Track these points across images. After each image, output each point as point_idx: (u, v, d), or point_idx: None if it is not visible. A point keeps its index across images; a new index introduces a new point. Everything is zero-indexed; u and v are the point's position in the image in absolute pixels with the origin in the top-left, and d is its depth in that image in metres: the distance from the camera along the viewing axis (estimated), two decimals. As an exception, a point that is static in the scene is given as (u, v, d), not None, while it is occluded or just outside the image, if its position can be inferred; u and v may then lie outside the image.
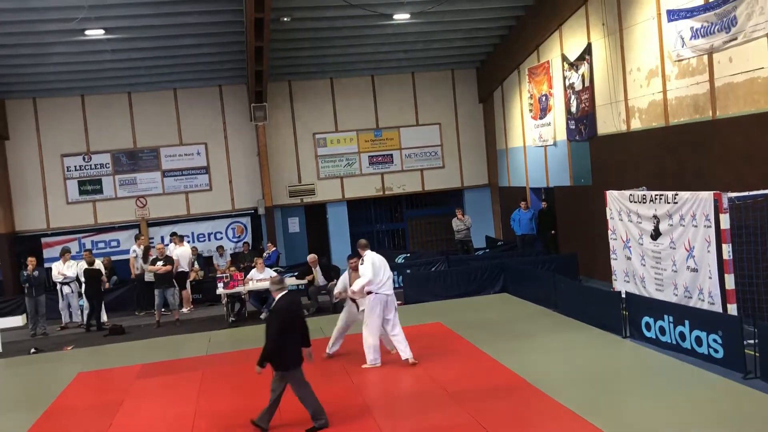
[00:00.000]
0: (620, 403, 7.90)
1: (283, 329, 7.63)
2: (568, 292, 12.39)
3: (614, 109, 14.09)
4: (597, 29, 14.51)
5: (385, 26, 17.34)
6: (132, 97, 19.37)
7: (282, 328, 7.62)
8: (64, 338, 14.50)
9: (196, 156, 19.68)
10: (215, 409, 8.90)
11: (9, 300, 16.94)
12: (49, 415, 9.30)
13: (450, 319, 12.69)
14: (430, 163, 20.84)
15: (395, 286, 16.28)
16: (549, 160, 17.36)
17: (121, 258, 18.39)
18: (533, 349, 10.49)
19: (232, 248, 19.53)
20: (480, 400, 8.29)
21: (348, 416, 8.14)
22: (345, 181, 20.47)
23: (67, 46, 16.31)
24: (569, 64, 15.71)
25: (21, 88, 18.43)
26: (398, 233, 21.92)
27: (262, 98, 18.60)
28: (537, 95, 17.51)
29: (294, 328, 7.76)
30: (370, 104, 20.52)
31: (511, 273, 14.96)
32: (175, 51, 17.37)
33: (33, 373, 11.92)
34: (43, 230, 19.07)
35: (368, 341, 10.15)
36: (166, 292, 14.83)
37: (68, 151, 19.11)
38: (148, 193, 19.44)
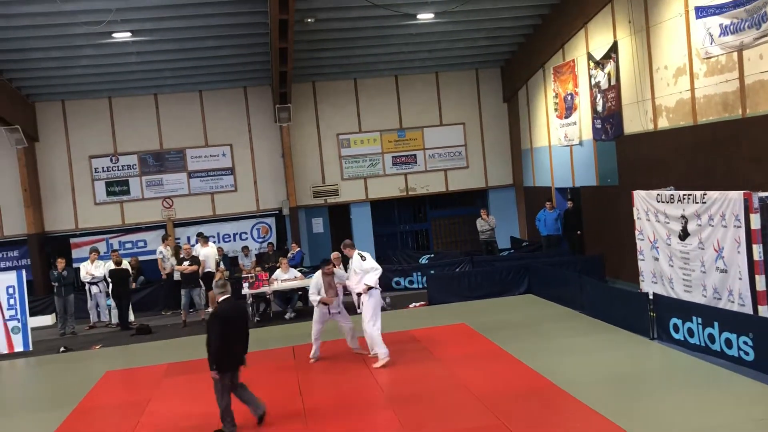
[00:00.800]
0: (648, 406, 7.79)
1: (223, 333, 7.68)
2: (595, 293, 12.26)
3: (641, 108, 13.92)
4: (623, 27, 14.34)
5: (409, 26, 17.31)
6: (158, 99, 19.58)
7: (223, 332, 7.69)
8: (92, 337, 14.71)
9: (221, 157, 19.83)
10: (240, 408, 8.94)
11: (39, 299, 17.22)
12: (79, 413, 9.44)
13: (474, 320, 12.63)
14: (454, 163, 20.77)
15: (419, 286, 16.48)
16: (575, 159, 17.20)
17: (148, 258, 18.60)
18: (559, 350, 10.40)
19: (257, 248, 19.65)
20: (506, 401, 8.24)
21: (372, 417, 8.15)
22: (368, 182, 20.49)
23: (95, 48, 16.53)
24: (595, 63, 15.55)
25: (50, 90, 18.73)
26: (422, 234, 21.87)
27: (286, 99, 18.69)
28: (562, 94, 17.36)
29: (237, 331, 7.83)
30: (394, 104, 20.51)
31: (536, 274, 14.85)
32: (200, 53, 17.52)
33: (62, 372, 12.10)
34: (71, 231, 19.35)
35: (376, 337, 10.20)
36: (192, 292, 14.98)
37: (96, 152, 19.37)
38: (174, 194, 19.63)
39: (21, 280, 14.20)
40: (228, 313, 7.88)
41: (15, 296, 14.09)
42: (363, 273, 10.36)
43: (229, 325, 7.77)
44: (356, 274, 10.43)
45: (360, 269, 10.35)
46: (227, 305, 8.01)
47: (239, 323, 7.94)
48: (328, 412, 8.49)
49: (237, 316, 7.94)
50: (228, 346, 7.70)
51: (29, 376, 12.63)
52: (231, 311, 7.94)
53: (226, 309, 7.94)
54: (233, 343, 7.77)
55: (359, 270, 10.37)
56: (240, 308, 8.21)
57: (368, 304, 10.29)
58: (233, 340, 7.76)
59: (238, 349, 7.89)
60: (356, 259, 10.43)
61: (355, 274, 10.44)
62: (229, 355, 7.73)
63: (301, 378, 9.98)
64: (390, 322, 13.28)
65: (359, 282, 10.37)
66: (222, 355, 7.67)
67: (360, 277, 10.38)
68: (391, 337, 11.89)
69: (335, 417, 8.35)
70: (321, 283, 10.52)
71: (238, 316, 7.99)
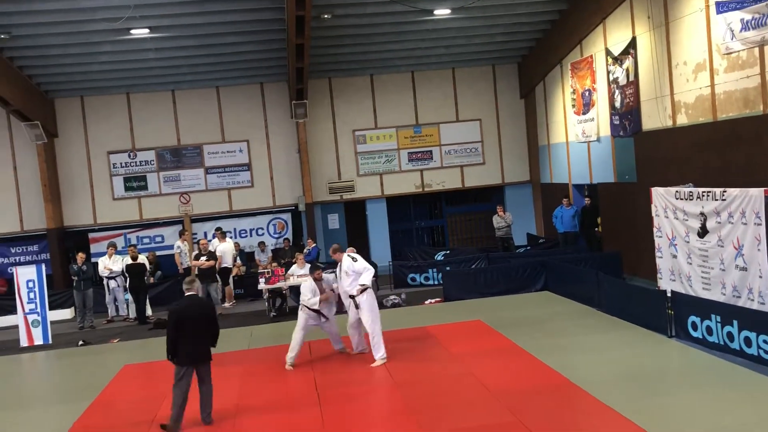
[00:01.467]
0: (666, 404, 7.74)
1: (177, 327, 7.92)
2: (612, 290, 12.19)
3: (660, 104, 13.79)
4: (642, 22, 14.22)
5: (426, 22, 17.27)
6: (176, 95, 19.69)
7: (176, 326, 7.93)
8: (110, 331, 14.84)
9: (238, 153, 19.91)
10: (256, 403, 9.00)
11: (58, 293, 17.39)
12: (98, 405, 9.54)
13: (490, 316, 12.60)
14: (470, 160, 20.71)
15: (435, 283, 16.47)
16: (592, 156, 17.09)
17: (165, 253, 18.73)
18: (576, 347, 10.36)
19: (273, 244, 19.72)
20: (522, 398, 8.22)
21: (387, 414, 8.16)
22: (384, 178, 20.49)
23: (114, 45, 16.65)
24: (613, 59, 15.43)
25: (69, 86, 18.89)
26: (437, 230, 21.85)
27: (302, 95, 18.72)
28: (580, 90, 17.25)
29: (192, 328, 7.93)
30: (410, 101, 20.48)
31: (553, 271, 14.79)
32: (217, 49, 17.59)
33: (81, 365, 12.23)
34: (90, 225, 19.53)
35: (378, 335, 10.17)
36: (209, 287, 15.06)
37: (114, 148, 19.52)
38: (191, 190, 19.75)
39: (41, 274, 14.37)
40: (184, 310, 8.09)
41: (35, 290, 14.25)
42: (356, 274, 10.27)
43: (185, 321, 7.96)
44: (348, 276, 10.30)
45: (352, 271, 10.27)
46: (187, 302, 8.25)
47: (199, 321, 8.04)
48: (344, 407, 8.52)
49: (196, 314, 8.05)
50: (184, 342, 7.95)
51: (49, 368, 12.78)
52: (188, 308, 8.11)
53: (183, 305, 8.21)
54: (191, 339, 7.96)
55: (351, 272, 10.27)
56: (203, 306, 8.31)
57: (367, 305, 10.23)
58: (190, 336, 7.95)
59: (198, 345, 8.02)
60: (347, 261, 10.34)
61: (347, 276, 10.31)
62: (186, 350, 7.96)
63: (316, 373, 10.02)
64: (405, 318, 13.33)
65: (352, 283, 10.27)
66: (175, 349, 7.98)
67: (353, 278, 10.27)
68: (406, 334, 11.93)
69: (351, 411, 8.38)
70: (316, 287, 10.44)
71: (199, 313, 8.08)
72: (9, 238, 19.24)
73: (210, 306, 8.40)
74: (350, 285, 10.33)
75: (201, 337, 8.06)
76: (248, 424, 8.26)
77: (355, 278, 10.28)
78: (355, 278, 10.29)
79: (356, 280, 10.26)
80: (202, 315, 8.11)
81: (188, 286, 8.32)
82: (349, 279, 10.32)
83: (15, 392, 10.92)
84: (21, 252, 19.31)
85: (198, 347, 8.05)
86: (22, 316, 14.15)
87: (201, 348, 8.07)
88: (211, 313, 8.26)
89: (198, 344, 8.04)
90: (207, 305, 8.33)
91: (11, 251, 19.24)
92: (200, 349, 8.07)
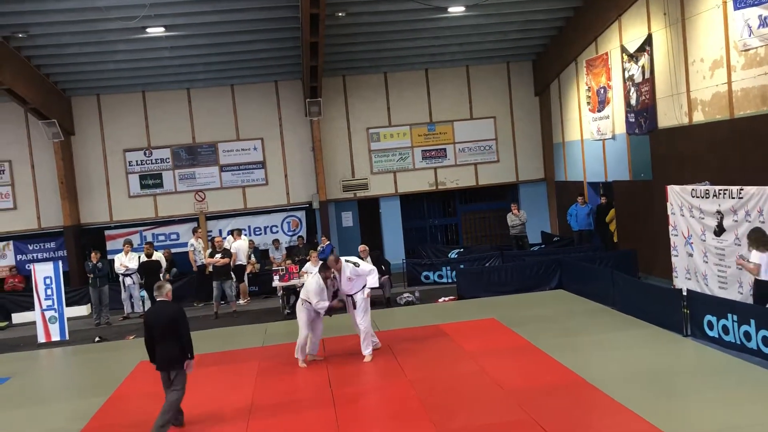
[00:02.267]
0: (681, 404, 7.70)
1: (148, 332, 8.04)
2: (627, 289, 12.12)
3: (676, 102, 13.69)
4: (658, 19, 14.11)
5: (440, 19, 17.24)
6: (191, 93, 19.79)
7: (147, 332, 8.06)
8: (126, 328, 14.97)
9: (252, 151, 19.99)
10: (271, 399, 9.05)
11: (75, 290, 17.57)
12: (114, 400, 9.64)
13: (504, 314, 12.57)
14: (485, 158, 20.66)
15: (448, 281, 16.46)
16: (607, 153, 16.99)
17: (180, 250, 18.85)
18: (590, 346, 10.31)
19: (287, 242, 19.79)
20: (536, 397, 8.19)
21: (401, 411, 8.17)
22: (398, 176, 20.49)
23: (129, 44, 16.77)
24: (629, 56, 15.33)
25: (86, 85, 19.05)
26: (451, 228, 21.82)
27: (316, 93, 18.76)
28: (595, 88, 17.15)
29: (160, 334, 7.94)
30: (424, 98, 20.46)
31: (567, 269, 14.73)
32: (232, 47, 17.67)
33: (98, 361, 12.34)
34: (106, 223, 19.69)
35: (369, 330, 10.49)
36: (224, 285, 15.16)
37: (130, 146, 19.67)
38: (206, 188, 19.85)
39: (57, 271, 14.51)
40: (150, 316, 8.16)
41: (52, 287, 14.40)
42: (359, 277, 10.42)
43: (152, 326, 8.01)
44: (350, 281, 10.41)
45: (355, 275, 10.41)
46: (154, 308, 8.35)
47: (166, 326, 7.95)
48: (358, 403, 8.55)
49: (164, 320, 7.99)
50: (152, 347, 8.02)
51: (66, 364, 12.91)
52: (154, 314, 8.14)
53: (150, 311, 8.35)
54: (159, 345, 7.97)
55: (354, 276, 10.40)
56: (169, 311, 8.08)
57: (365, 304, 10.45)
58: (159, 341, 7.97)
59: (166, 350, 7.96)
60: (349, 268, 10.42)
61: (350, 281, 10.41)
62: (159, 355, 8.01)
63: (330, 370, 10.05)
64: (419, 316, 13.34)
65: (355, 285, 10.41)
66: (152, 354, 8.08)
67: (356, 281, 10.41)
68: (420, 332, 11.94)
69: (365, 407, 8.40)
70: (324, 287, 10.27)
71: (165, 319, 7.99)
72: (27, 235, 19.45)
73: (177, 311, 8.09)
74: (353, 287, 10.43)
75: (170, 342, 7.96)
76: (263, 421, 8.30)
77: (360, 280, 10.44)
78: (358, 281, 10.44)
79: (359, 281, 10.41)
80: (170, 321, 7.97)
81: (157, 292, 8.29)
82: (351, 284, 10.44)
83: (33, 387, 11.04)
84: (38, 249, 19.51)
85: (166, 352, 7.96)
86: (39, 313, 14.30)
87: (170, 353, 7.97)
88: (179, 319, 8.00)
89: (167, 349, 7.96)
90: (175, 311, 8.07)
91: (29, 248, 19.45)
92: (170, 354, 7.97)
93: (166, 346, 7.98)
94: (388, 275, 15.09)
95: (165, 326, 7.98)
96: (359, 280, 10.46)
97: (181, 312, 8.13)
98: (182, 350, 7.98)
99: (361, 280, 10.46)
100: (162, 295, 8.25)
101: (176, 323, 7.99)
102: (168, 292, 8.25)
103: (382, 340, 10.99)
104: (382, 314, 13.94)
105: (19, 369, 12.02)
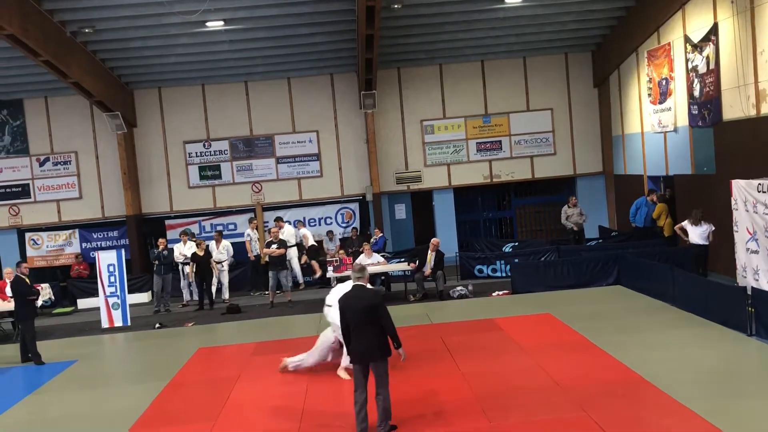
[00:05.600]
0: (745, 406, 7.46)
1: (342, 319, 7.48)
2: (689, 286, 11.79)
3: (742, 93, 13.21)
4: (724, 7, 13.62)
5: (497, 10, 17.04)
6: (248, 86, 20.10)
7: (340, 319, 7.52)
8: (185, 315, 15.36)
9: (308, 143, 20.19)
10: (326, 388, 9.15)
11: (137, 278, 18.11)
12: (174, 386, 9.91)
13: (560, 310, 12.40)
14: (541, 150, 20.36)
15: (502, 275, 16.31)
16: (669, 147, 16.53)
17: (238, 240, 19.20)
18: (649, 344, 10.07)
19: (341, 233, 19.95)
20: (593, 394, 8.07)
21: (456, 408, 8.14)
22: (452, 168, 20.38)
23: (190, 37, 17.13)
24: (692, 46, 14.86)
25: (148, 78, 19.55)
26: (505, 221, 21.61)
27: (371, 86, 18.80)
28: (656, 79, 16.69)
29: (355, 322, 7.35)
30: (479, 90, 20.27)
31: (626, 265, 14.41)
32: (289, 41, 17.85)
33: (158, 347, 12.71)
34: (167, 213, 20.21)
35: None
36: (279, 274, 15.38)
37: (190, 138, 20.11)
38: (263, 179, 20.16)
39: (120, 259, 14.97)
40: (344, 302, 7.48)
41: (115, 274, 14.87)
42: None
43: (344, 312, 7.44)
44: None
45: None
46: (349, 293, 7.57)
47: (362, 313, 7.29)
48: (412, 397, 8.56)
49: (358, 306, 7.32)
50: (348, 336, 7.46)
51: (128, 349, 13.35)
52: (348, 300, 7.42)
53: (344, 297, 7.55)
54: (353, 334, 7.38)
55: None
56: (367, 297, 7.40)
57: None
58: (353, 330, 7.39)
59: (359, 341, 7.37)
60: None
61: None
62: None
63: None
64: (473, 310, 13.28)
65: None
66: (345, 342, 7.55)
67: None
68: (474, 325, 11.89)
69: (418, 402, 8.41)
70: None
71: (362, 305, 7.30)
72: (91, 224, 20.13)
73: (374, 296, 7.45)
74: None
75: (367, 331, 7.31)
76: (317, 409, 8.39)
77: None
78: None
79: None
80: (368, 307, 7.30)
81: (358, 274, 7.56)
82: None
83: (97, 371, 11.46)
84: (102, 237, 20.17)
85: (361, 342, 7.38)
86: (103, 299, 14.80)
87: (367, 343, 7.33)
88: (378, 305, 7.33)
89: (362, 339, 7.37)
90: (371, 296, 7.44)
91: (93, 236, 20.13)
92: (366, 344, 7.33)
93: (361, 336, 7.24)
94: (441, 269, 15.06)
95: (361, 313, 7.22)
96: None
97: (379, 297, 7.40)
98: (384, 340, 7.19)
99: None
100: (364, 278, 7.50)
101: (375, 310, 7.22)
102: (368, 275, 7.55)
103: (435, 333, 10.94)
104: (434, 307, 13.94)
105: (85, 353, 12.48)
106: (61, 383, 10.64)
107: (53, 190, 20.00)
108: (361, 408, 7.41)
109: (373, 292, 7.50)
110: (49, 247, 20.02)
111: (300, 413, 8.32)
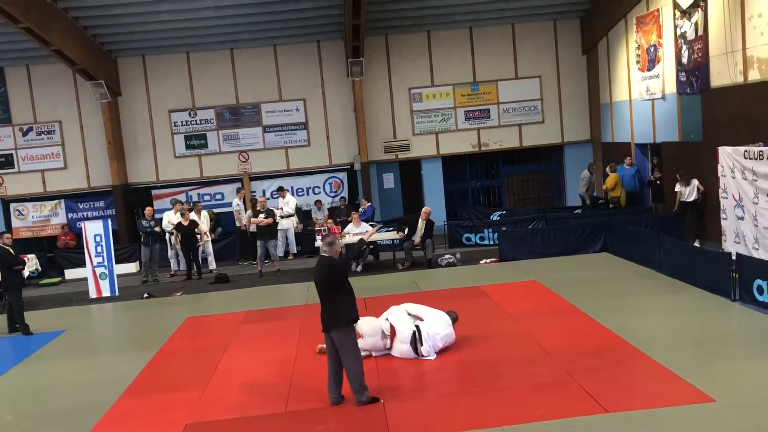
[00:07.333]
0: (728, 369, 7.57)
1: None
2: (674, 252, 11.90)
3: (730, 60, 13.19)
4: (714, -27, 13.53)
5: (485, -24, 16.86)
6: (234, 54, 19.84)
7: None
8: (173, 285, 15.35)
9: (295, 112, 20.02)
10: (315, 355, 9.20)
11: (124, 248, 18.04)
12: (163, 355, 9.93)
13: (547, 277, 12.49)
14: (529, 118, 20.31)
15: (490, 243, 16.37)
16: (657, 114, 16.54)
17: (225, 210, 19.14)
18: (635, 309, 10.18)
19: (329, 203, 19.91)
20: (578, 358, 8.17)
21: (444, 373, 8.23)
22: (440, 137, 20.32)
23: (174, 3, 16.84)
24: (681, 12, 14.78)
25: (131, 46, 19.24)
26: (494, 190, 21.64)
27: (359, 53, 18.60)
28: (645, 46, 16.62)
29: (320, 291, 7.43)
30: (468, 57, 20.12)
31: (612, 232, 14.51)
32: (275, 7, 17.59)
33: (146, 317, 12.71)
34: (153, 183, 20.06)
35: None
36: (267, 244, 15.37)
37: (175, 106, 19.88)
38: (249, 148, 20.01)
39: (107, 229, 14.89)
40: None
41: (102, 244, 14.80)
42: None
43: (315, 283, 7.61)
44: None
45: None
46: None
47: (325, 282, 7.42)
48: (400, 364, 8.63)
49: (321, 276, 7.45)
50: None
51: (116, 319, 13.34)
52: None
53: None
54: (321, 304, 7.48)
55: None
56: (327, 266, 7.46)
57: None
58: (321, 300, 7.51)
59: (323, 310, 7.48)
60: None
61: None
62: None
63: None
64: (460, 278, 13.35)
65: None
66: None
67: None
68: (461, 292, 11.96)
69: (406, 368, 8.48)
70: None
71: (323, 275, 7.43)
72: (77, 194, 19.97)
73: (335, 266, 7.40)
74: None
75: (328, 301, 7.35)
76: (306, 376, 8.45)
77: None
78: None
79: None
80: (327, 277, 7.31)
81: (327, 248, 7.48)
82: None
83: (86, 341, 11.46)
84: (88, 207, 20.02)
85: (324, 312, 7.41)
86: (90, 269, 14.74)
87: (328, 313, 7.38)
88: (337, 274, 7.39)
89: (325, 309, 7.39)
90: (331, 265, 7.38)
91: (79, 207, 19.98)
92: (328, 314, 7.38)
93: (324, 305, 7.33)
94: (431, 237, 15.09)
95: (321, 283, 7.31)
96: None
97: (336, 267, 7.33)
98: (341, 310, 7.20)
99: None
100: (332, 252, 7.42)
101: (331, 278, 7.24)
102: (338, 249, 7.51)
103: (422, 301, 10.96)
104: (422, 275, 14.00)
105: (73, 323, 12.46)
106: (50, 353, 10.64)
107: (37, 160, 19.78)
108: (330, 378, 7.44)
109: (335, 261, 7.39)
110: (34, 218, 19.87)
111: (289, 379, 8.38)
